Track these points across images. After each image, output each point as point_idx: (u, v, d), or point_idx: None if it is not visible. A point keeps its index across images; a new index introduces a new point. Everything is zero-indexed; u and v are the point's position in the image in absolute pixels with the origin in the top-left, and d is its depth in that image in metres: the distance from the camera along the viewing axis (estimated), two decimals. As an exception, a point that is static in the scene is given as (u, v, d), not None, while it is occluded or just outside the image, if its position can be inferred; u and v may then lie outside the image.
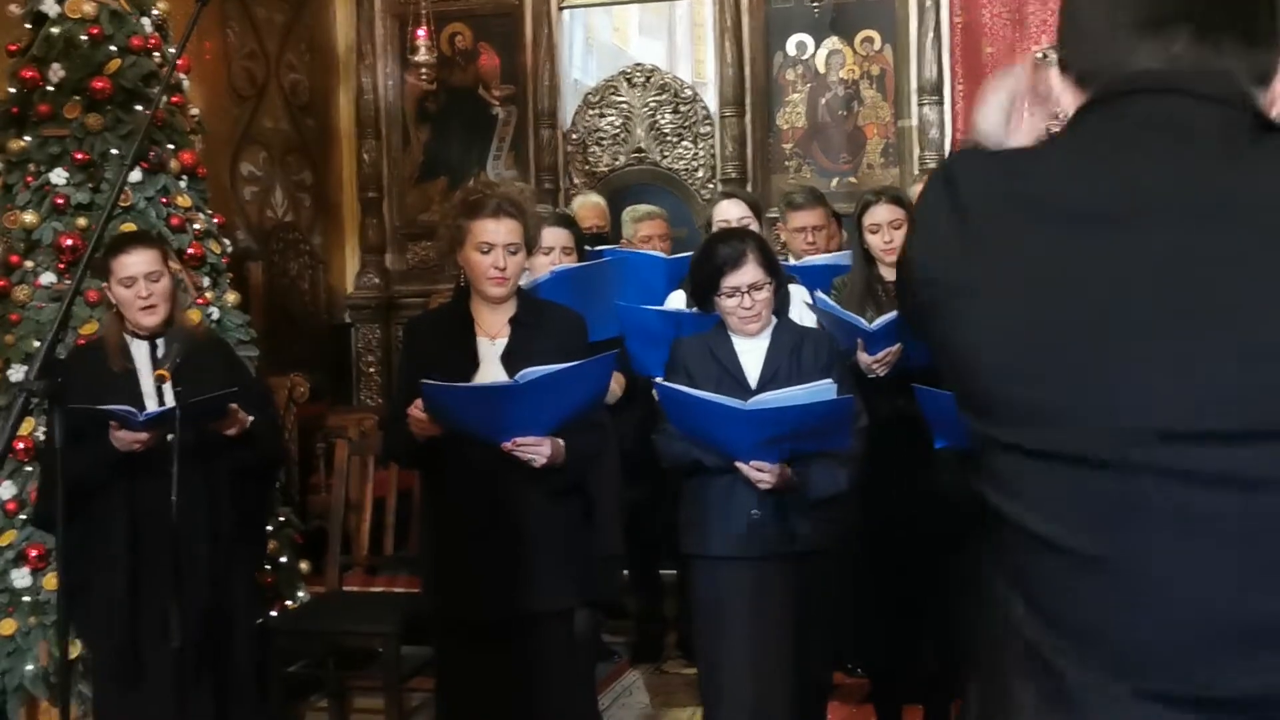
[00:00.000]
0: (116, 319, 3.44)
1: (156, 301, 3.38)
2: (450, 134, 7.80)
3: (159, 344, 3.41)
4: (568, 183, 7.50)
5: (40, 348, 2.32)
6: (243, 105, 7.18)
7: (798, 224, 4.73)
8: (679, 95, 7.37)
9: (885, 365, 3.77)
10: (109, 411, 3.14)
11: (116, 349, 3.40)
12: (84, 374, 3.29)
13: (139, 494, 3.32)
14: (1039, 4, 6.87)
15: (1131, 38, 1.14)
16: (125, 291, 3.36)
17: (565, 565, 3.16)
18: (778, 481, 3.13)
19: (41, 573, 3.92)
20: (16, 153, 4.26)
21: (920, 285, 1.19)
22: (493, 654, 3.13)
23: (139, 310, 3.36)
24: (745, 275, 3.23)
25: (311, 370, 6.75)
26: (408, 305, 7.70)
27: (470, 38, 7.75)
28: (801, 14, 7.14)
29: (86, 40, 4.27)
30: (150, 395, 3.32)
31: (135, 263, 3.36)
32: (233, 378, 3.48)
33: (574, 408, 3.03)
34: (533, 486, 3.07)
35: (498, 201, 3.11)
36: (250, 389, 3.58)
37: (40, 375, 2.15)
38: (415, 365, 3.13)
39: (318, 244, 7.77)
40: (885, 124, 7.12)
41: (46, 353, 2.26)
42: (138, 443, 3.20)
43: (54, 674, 3.87)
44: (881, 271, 4.04)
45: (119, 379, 3.35)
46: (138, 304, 3.36)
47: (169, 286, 3.43)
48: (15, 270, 4.18)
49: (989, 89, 1.38)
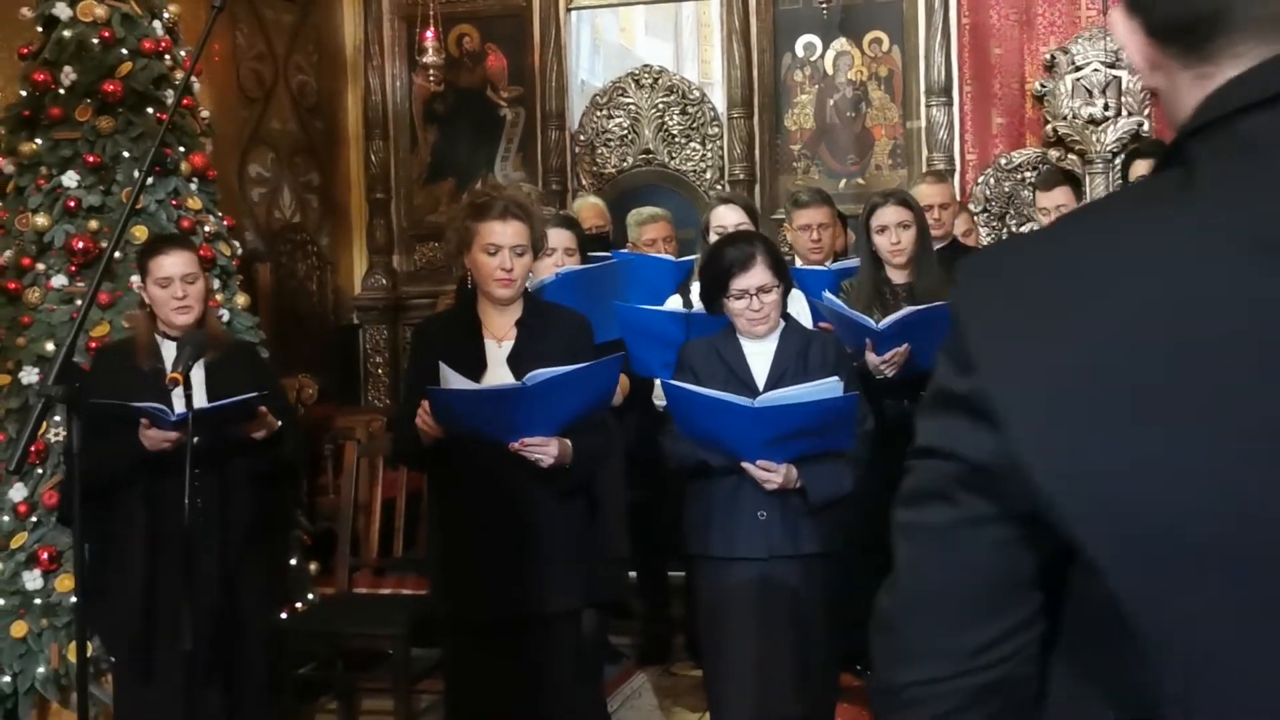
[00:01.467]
0: (149, 318, 3.48)
1: (191, 303, 3.43)
2: (458, 135, 7.81)
3: (191, 346, 3.44)
4: (575, 184, 7.50)
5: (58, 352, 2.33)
6: (251, 107, 7.20)
7: (803, 222, 4.74)
8: (687, 96, 7.38)
9: (893, 365, 3.78)
10: (141, 409, 3.17)
11: (146, 348, 3.44)
12: (112, 372, 3.35)
13: (158, 495, 3.34)
14: (1047, 5, 6.87)
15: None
16: (161, 291, 3.41)
17: (572, 566, 3.17)
18: (784, 482, 3.14)
19: (53, 575, 3.93)
20: (28, 155, 4.28)
21: None
22: (500, 655, 3.15)
23: (173, 310, 3.42)
24: (754, 278, 3.24)
25: (319, 371, 6.77)
26: (415, 306, 7.72)
27: (478, 39, 7.76)
28: (810, 15, 7.14)
29: (98, 43, 4.29)
30: (178, 395, 3.34)
31: (172, 264, 3.41)
32: (259, 380, 3.51)
33: (581, 409, 3.06)
34: (539, 487, 3.09)
35: (504, 204, 3.15)
36: (274, 392, 3.61)
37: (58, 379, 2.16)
38: (423, 368, 3.16)
39: (325, 245, 7.79)
40: (893, 125, 7.12)
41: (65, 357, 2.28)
42: (167, 441, 3.22)
43: (65, 676, 3.89)
44: (889, 273, 4.05)
45: (147, 378, 3.38)
46: (172, 304, 3.41)
47: (203, 289, 3.49)
48: (27, 273, 4.20)
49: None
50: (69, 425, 2.37)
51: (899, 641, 1.07)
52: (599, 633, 3.92)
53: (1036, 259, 0.99)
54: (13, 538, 3.99)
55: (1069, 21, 6.82)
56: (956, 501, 1.00)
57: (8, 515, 4.01)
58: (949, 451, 0.99)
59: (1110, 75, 6.55)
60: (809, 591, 3.23)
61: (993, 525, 0.99)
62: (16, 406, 4.09)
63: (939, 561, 1.03)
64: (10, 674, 3.88)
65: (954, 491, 0.99)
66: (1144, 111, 6.57)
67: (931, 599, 1.04)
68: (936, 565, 1.03)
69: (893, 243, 3.98)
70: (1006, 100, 6.94)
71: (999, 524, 0.99)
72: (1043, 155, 6.71)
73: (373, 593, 5.32)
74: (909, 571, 1.05)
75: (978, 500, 0.99)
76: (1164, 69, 0.96)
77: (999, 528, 0.99)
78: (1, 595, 3.95)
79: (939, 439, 1.01)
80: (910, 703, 1.06)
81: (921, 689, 1.04)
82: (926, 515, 1.03)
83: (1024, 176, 6.74)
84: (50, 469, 4.01)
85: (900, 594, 1.06)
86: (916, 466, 1.04)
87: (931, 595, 1.04)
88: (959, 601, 1.03)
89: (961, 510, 1.00)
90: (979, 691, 1.03)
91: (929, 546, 1.03)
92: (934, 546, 1.03)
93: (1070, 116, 6.61)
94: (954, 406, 0.98)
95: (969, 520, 1.00)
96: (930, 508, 1.02)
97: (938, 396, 1.01)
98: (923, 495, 1.03)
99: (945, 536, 1.02)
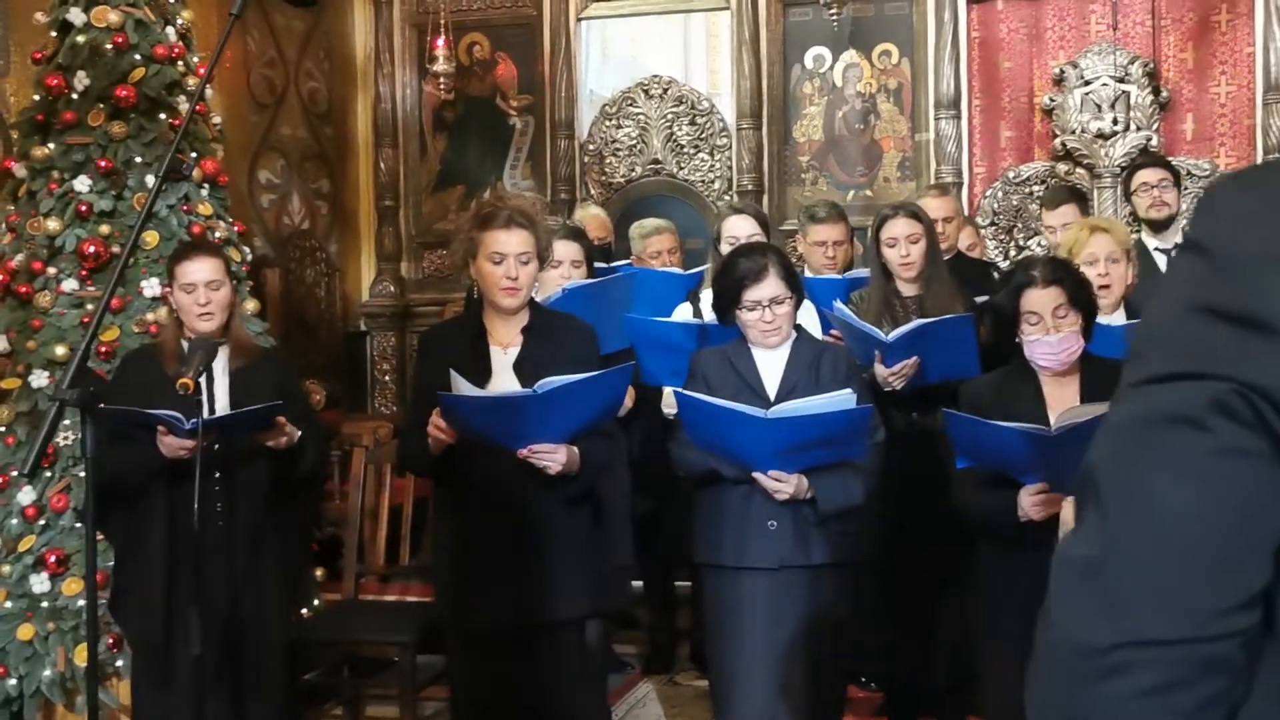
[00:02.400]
0: (175, 324, 3.50)
1: (214, 310, 3.44)
2: (467, 143, 7.83)
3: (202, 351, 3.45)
4: (584, 193, 7.52)
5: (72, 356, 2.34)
6: (261, 113, 7.22)
7: (818, 238, 4.73)
8: (696, 107, 7.39)
9: (902, 378, 3.78)
10: (155, 416, 3.18)
11: (173, 353, 3.45)
12: (139, 377, 3.37)
13: (176, 501, 3.35)
14: (1056, 19, 6.88)
15: None
16: (186, 297, 3.43)
17: (577, 575, 3.18)
18: (794, 492, 3.14)
19: (61, 578, 3.94)
20: (41, 160, 4.29)
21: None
22: (505, 663, 3.15)
23: (196, 316, 3.43)
24: (766, 289, 3.25)
25: (327, 378, 6.78)
26: (423, 314, 7.73)
27: (488, 48, 7.78)
28: (820, 27, 7.15)
29: (111, 49, 4.31)
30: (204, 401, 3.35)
31: (198, 270, 3.43)
32: (283, 390, 3.52)
33: (590, 417, 3.07)
34: (546, 495, 3.09)
35: (509, 213, 3.16)
36: (298, 402, 3.62)
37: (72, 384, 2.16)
38: (429, 375, 3.17)
39: (334, 252, 7.81)
40: (902, 138, 7.13)
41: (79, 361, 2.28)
42: (184, 449, 3.23)
43: (71, 680, 3.89)
44: (898, 285, 4.05)
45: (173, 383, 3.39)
46: (196, 310, 3.42)
47: (228, 296, 3.50)
48: (38, 277, 4.21)
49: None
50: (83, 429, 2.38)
51: (1112, 592, 0.87)
52: (604, 641, 3.93)
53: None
54: (21, 541, 4.00)
55: (1079, 36, 6.83)
56: (1215, 429, 0.86)
57: (16, 518, 4.01)
58: (1211, 372, 0.86)
59: (1119, 90, 6.56)
60: (819, 602, 3.23)
61: (1256, 461, 0.86)
62: (27, 410, 4.10)
63: (1186, 496, 0.86)
64: (16, 676, 3.89)
65: (1211, 418, 0.86)
66: (1152, 126, 6.58)
67: (1172, 541, 0.86)
68: (1182, 500, 0.86)
69: (902, 256, 3.98)
70: (1015, 114, 6.95)
71: (1262, 462, 0.86)
72: (1051, 169, 6.71)
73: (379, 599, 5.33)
74: (1139, 507, 0.87)
75: (1241, 431, 0.86)
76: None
77: (1262, 466, 0.86)
78: (9, 598, 3.96)
79: (1191, 361, 0.87)
80: (1116, 669, 0.87)
81: (1139, 651, 0.87)
82: (1176, 440, 0.87)
83: (1032, 190, 6.74)
84: (59, 472, 4.02)
85: (1122, 535, 0.88)
86: (1150, 392, 0.89)
87: (1172, 536, 0.86)
88: (1211, 547, 0.86)
89: (1223, 438, 0.86)
90: (1208, 664, 0.86)
91: (1173, 477, 0.87)
92: (1182, 477, 0.86)
93: (1079, 131, 6.62)
94: (1219, 320, 0.87)
95: (1233, 451, 0.86)
96: (1181, 433, 0.87)
97: (1190, 314, 0.89)
98: (1167, 420, 0.88)
99: (1202, 465, 0.86)
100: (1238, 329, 0.86)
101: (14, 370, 4.18)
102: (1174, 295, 0.91)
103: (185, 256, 3.48)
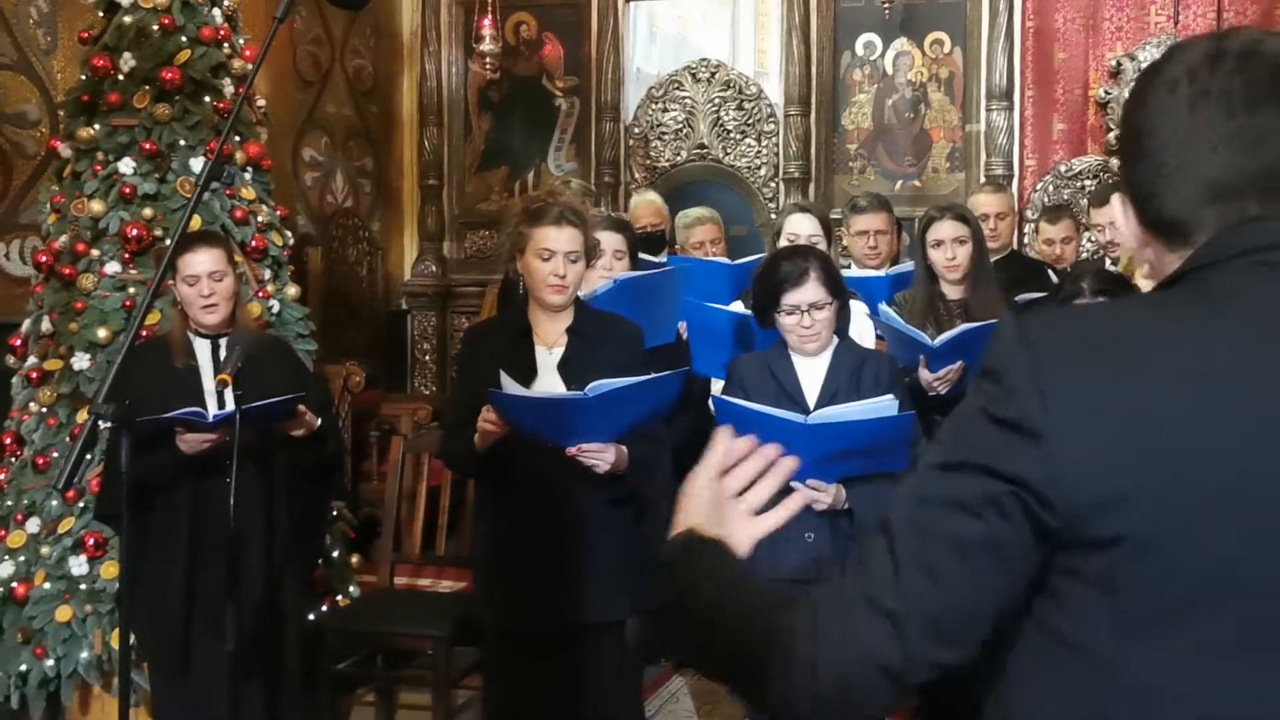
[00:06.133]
0: (181, 315, 3.47)
1: (218, 301, 3.41)
2: (512, 124, 7.80)
3: (221, 344, 3.43)
4: (628, 177, 7.47)
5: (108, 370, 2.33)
6: (307, 90, 7.22)
7: (860, 227, 4.68)
8: (743, 92, 7.31)
9: (946, 383, 3.71)
10: (177, 418, 3.16)
11: (180, 346, 3.44)
12: (146, 368, 3.32)
13: (201, 493, 3.35)
14: (1114, 9, 6.75)
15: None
16: (189, 289, 3.40)
17: (619, 577, 3.15)
18: (833, 502, 3.09)
19: (99, 561, 3.96)
20: (86, 141, 4.29)
21: None
22: (544, 661, 3.14)
23: (200, 308, 3.40)
24: (806, 294, 3.19)
25: (367, 357, 6.79)
26: (464, 294, 7.73)
27: (535, 27, 7.74)
28: (871, 14, 7.05)
29: (158, 30, 4.30)
30: (211, 393, 3.34)
31: (200, 261, 3.39)
32: (295, 379, 3.50)
33: (639, 418, 3.04)
34: (591, 496, 3.07)
35: (560, 210, 3.14)
36: (313, 389, 3.61)
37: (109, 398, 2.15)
38: (473, 374, 3.15)
39: (377, 230, 7.81)
40: (952, 128, 7.02)
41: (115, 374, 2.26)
42: (206, 443, 3.22)
43: (108, 661, 3.92)
44: (944, 288, 3.98)
45: (181, 375, 3.38)
46: (199, 302, 3.39)
47: (232, 286, 3.46)
48: (81, 258, 4.22)
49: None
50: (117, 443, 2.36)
51: (897, 627, 1.12)
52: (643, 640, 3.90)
53: (1096, 320, 1.20)
54: (60, 522, 4.03)
55: (1137, 27, 6.69)
56: (986, 520, 1.09)
57: (56, 500, 4.04)
58: (990, 466, 1.10)
59: (1177, 83, 6.42)
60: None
61: (1009, 549, 1.10)
62: (68, 392, 4.11)
63: (958, 573, 1.10)
64: (54, 657, 3.92)
65: (985, 510, 1.09)
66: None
67: (938, 607, 1.11)
68: (955, 576, 1.10)
69: (948, 258, 3.91)
70: (1069, 106, 6.83)
71: (1014, 548, 1.10)
72: (1104, 164, 6.59)
73: (413, 585, 5.33)
74: (926, 574, 1.11)
75: (1004, 524, 1.09)
76: (1152, 247, 1.21)
77: (1013, 550, 1.10)
78: (48, 579, 3.98)
79: (973, 453, 1.11)
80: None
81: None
82: (954, 523, 1.11)
83: (1084, 185, 6.62)
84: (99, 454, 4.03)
85: (911, 591, 1.11)
86: (945, 476, 1.13)
87: (938, 605, 1.11)
88: (960, 615, 1.12)
89: (990, 529, 1.09)
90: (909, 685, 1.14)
91: (947, 549, 1.11)
92: (955, 559, 1.10)
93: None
94: (1001, 426, 1.10)
95: (993, 541, 1.10)
96: (958, 517, 1.10)
97: (978, 417, 1.12)
98: (953, 504, 1.11)
99: (968, 549, 1.10)
100: (1005, 432, 1.10)
101: (56, 351, 4.20)
102: (971, 403, 1.15)
103: (187, 248, 3.40)
